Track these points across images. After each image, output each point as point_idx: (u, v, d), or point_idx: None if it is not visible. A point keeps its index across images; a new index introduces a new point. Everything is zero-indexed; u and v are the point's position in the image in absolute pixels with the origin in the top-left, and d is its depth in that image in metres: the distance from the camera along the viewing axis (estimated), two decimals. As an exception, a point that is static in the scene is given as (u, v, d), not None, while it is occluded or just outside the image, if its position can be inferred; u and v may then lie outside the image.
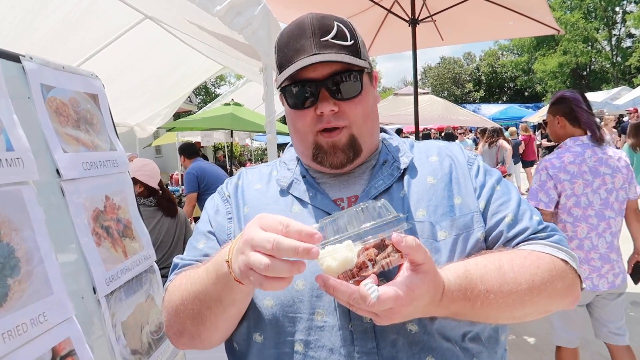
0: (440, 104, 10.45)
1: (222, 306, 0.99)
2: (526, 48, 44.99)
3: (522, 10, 5.33)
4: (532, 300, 1.01)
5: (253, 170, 1.31)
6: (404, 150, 1.21)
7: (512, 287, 0.98)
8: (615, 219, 2.89)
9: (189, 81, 6.48)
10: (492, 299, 0.96)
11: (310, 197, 1.14)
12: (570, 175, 2.84)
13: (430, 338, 1.00)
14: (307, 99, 1.08)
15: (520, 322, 1.08)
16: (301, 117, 1.10)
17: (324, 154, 1.10)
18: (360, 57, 1.08)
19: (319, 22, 1.07)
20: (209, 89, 42.71)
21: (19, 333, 1.11)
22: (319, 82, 1.05)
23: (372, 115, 1.15)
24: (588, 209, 2.86)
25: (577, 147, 2.90)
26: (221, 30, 2.92)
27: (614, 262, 2.91)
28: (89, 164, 1.60)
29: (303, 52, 1.05)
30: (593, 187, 2.85)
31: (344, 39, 1.07)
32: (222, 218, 1.21)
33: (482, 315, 0.99)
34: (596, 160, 2.86)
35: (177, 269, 1.19)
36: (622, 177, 2.88)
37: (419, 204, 1.09)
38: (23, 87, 1.41)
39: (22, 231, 1.21)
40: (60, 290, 1.27)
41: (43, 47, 3.86)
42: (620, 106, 17.85)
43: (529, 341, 4.50)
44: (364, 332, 0.99)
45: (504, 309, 0.98)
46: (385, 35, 6.29)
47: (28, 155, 1.28)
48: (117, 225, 1.69)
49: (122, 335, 1.57)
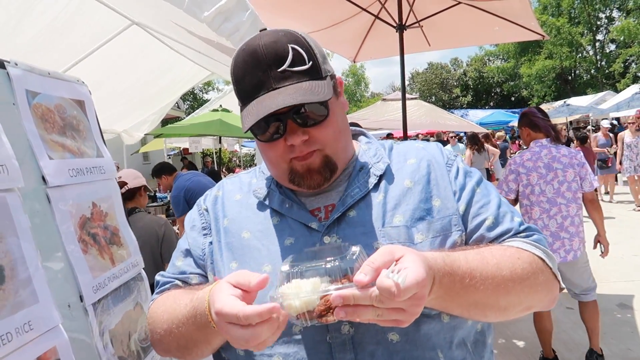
0: (428, 109, 10.51)
1: (209, 344, 1.02)
2: (512, 54, 45.49)
3: (508, 16, 5.41)
4: (515, 288, 0.99)
5: (233, 179, 1.30)
6: (380, 155, 1.19)
7: (495, 272, 0.96)
8: (568, 205, 3.65)
9: (177, 87, 6.45)
10: (479, 277, 0.93)
11: (287, 208, 1.12)
12: (527, 169, 3.72)
13: (412, 347, 0.98)
14: (274, 132, 1.04)
15: (505, 319, 1.06)
16: (272, 149, 1.07)
17: (300, 178, 1.08)
18: (321, 75, 1.05)
19: (272, 50, 1.01)
20: (196, 95, 42.56)
21: (4, 342, 1.09)
22: (284, 115, 1.01)
23: (343, 130, 1.12)
24: (540, 196, 3.68)
25: (537, 147, 3.76)
26: (209, 35, 2.92)
27: (564, 240, 3.67)
28: (75, 170, 1.58)
29: (262, 88, 1.01)
30: (546, 179, 3.67)
31: (301, 62, 1.02)
32: (197, 234, 1.21)
33: (471, 299, 0.95)
34: (550, 157, 3.68)
35: (159, 286, 1.21)
36: (573, 172, 3.65)
37: (396, 210, 1.08)
38: (8, 93, 1.39)
39: (7, 239, 1.19)
40: (46, 298, 1.25)
41: (28, 52, 3.82)
42: (605, 110, 18.11)
43: (518, 344, 4.53)
44: (342, 343, 0.98)
45: (490, 293, 0.96)
46: (373, 41, 6.34)
47: (12, 162, 1.26)
48: (104, 232, 1.67)
49: (109, 344, 1.55)
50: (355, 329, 0.98)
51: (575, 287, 3.84)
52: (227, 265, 1.11)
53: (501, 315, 1.03)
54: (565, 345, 4.37)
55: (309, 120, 1.04)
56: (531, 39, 6.19)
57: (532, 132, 3.84)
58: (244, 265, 1.08)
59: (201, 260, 1.18)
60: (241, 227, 1.14)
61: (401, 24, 5.17)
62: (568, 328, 4.70)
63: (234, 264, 1.10)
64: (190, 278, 1.18)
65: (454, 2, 5.15)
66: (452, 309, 0.98)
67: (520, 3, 5.04)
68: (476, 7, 5.22)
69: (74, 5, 3.64)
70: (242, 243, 1.12)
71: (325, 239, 1.06)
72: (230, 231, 1.15)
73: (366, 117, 10.10)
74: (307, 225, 1.09)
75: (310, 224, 1.09)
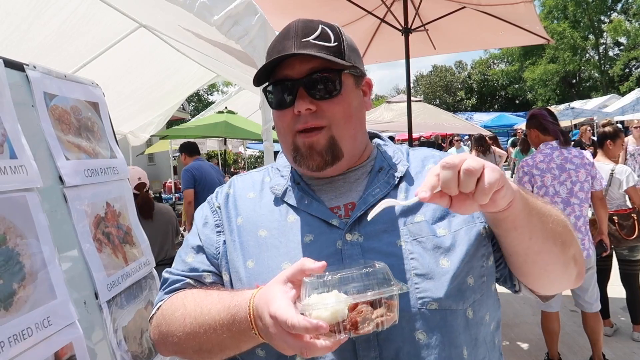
0: (433, 112, 10.51)
1: (237, 350, 0.99)
2: (515, 57, 45.42)
3: (513, 20, 5.41)
4: (564, 243, 1.02)
5: (244, 177, 1.28)
6: (399, 157, 1.19)
7: (554, 218, 1.01)
8: (580, 205, 3.69)
9: (183, 89, 6.48)
10: (542, 207, 0.98)
11: (306, 204, 1.11)
12: (540, 171, 3.73)
13: (438, 345, 0.97)
14: (286, 98, 1.07)
15: (543, 283, 1.08)
16: (282, 117, 1.09)
17: (301, 157, 1.08)
18: (343, 58, 1.07)
19: (303, 25, 1.08)
20: (202, 96, 42.67)
21: (24, 337, 1.13)
22: (296, 81, 1.05)
23: (356, 118, 1.12)
24: (555, 197, 3.70)
25: (548, 149, 3.78)
26: (217, 37, 2.95)
27: (579, 241, 3.39)
28: (90, 171, 1.62)
29: (283, 52, 1.04)
30: (560, 180, 3.69)
31: (326, 40, 1.06)
32: (211, 231, 1.18)
33: (538, 225, 0.96)
34: (562, 159, 3.71)
35: (167, 284, 1.16)
36: (585, 172, 3.69)
37: (417, 210, 1.07)
38: (27, 95, 1.43)
39: (27, 237, 1.22)
40: (63, 295, 1.29)
41: (38, 55, 3.87)
42: (610, 114, 18.03)
43: (523, 347, 4.53)
44: (366, 341, 0.96)
45: (549, 232, 0.98)
46: (378, 44, 6.35)
47: (31, 163, 1.30)
48: (117, 232, 1.71)
49: (123, 340, 1.58)
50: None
51: (583, 291, 3.82)
52: (244, 264, 1.09)
53: (543, 265, 1.04)
54: (569, 349, 4.37)
55: (319, 92, 1.05)
56: (536, 43, 6.19)
57: (541, 134, 3.87)
58: (262, 263, 1.08)
59: (215, 258, 1.16)
60: (257, 226, 1.13)
61: (407, 28, 5.18)
62: (572, 331, 4.71)
63: (250, 262, 1.09)
64: (203, 276, 1.15)
65: (460, 6, 5.17)
66: (535, 230, 0.98)
67: (525, 7, 5.04)
68: (481, 11, 5.23)
69: (83, 9, 3.69)
70: (258, 241, 1.11)
71: (347, 236, 1.05)
72: (246, 229, 1.14)
73: (370, 120, 10.12)
74: (328, 222, 1.07)
75: (331, 220, 1.07)
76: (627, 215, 4.33)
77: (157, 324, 1.13)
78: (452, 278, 1.00)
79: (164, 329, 1.09)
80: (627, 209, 4.33)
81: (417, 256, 1.01)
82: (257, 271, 1.07)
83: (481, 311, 1.05)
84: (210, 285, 1.14)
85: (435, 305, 0.98)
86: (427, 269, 1.00)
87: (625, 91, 29.27)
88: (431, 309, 0.98)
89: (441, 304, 0.98)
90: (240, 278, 1.09)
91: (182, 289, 1.14)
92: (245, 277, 1.08)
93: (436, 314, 0.98)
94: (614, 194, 4.35)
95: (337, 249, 1.03)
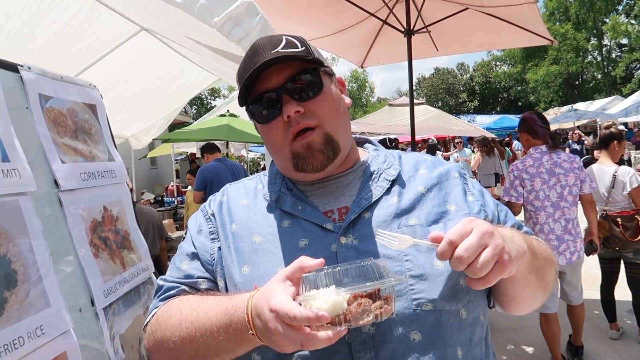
0: (435, 114, 10.48)
1: (233, 354, 0.99)
2: (518, 58, 45.38)
3: (516, 21, 5.38)
4: (547, 284, 1.10)
5: (237, 185, 1.30)
6: (390, 161, 1.21)
7: (539, 251, 1.07)
8: (570, 208, 3.79)
9: (185, 92, 6.47)
10: (536, 247, 1.04)
11: (300, 210, 1.13)
12: (530, 175, 3.81)
13: (434, 345, 0.98)
14: (272, 109, 1.08)
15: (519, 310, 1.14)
16: (273, 130, 1.10)
17: (303, 160, 1.09)
18: (314, 58, 1.09)
19: (268, 39, 1.09)
20: (204, 100, 42.75)
21: (16, 347, 1.09)
22: (278, 89, 1.06)
23: (342, 113, 1.15)
24: (545, 200, 3.78)
25: (537, 154, 3.86)
26: (217, 44, 2.92)
27: (569, 242, 3.80)
28: (87, 174, 1.58)
29: (254, 66, 1.05)
30: (549, 184, 3.77)
31: (294, 47, 1.08)
32: (205, 238, 1.19)
33: (535, 267, 1.03)
34: (552, 163, 3.79)
35: (162, 292, 1.16)
36: (574, 176, 3.77)
37: (411, 213, 1.10)
38: (21, 97, 1.40)
39: (20, 243, 1.19)
40: (57, 302, 1.25)
41: (40, 58, 3.86)
42: (613, 115, 17.99)
43: (527, 350, 4.48)
44: (362, 342, 0.98)
45: (541, 282, 1.07)
46: (380, 46, 6.34)
47: (24, 166, 1.27)
48: (115, 237, 1.67)
49: (120, 349, 1.54)
50: (376, 328, 0.98)
51: (572, 289, 4.00)
52: (239, 270, 1.10)
53: (543, 290, 1.12)
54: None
55: (303, 93, 1.07)
56: (540, 44, 6.16)
57: (531, 138, 3.96)
58: (257, 268, 1.08)
59: (210, 265, 1.16)
60: (252, 232, 1.14)
61: (409, 29, 5.16)
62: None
63: (245, 268, 1.09)
64: (198, 283, 1.15)
65: (462, 7, 5.14)
66: (530, 284, 1.05)
67: (528, 8, 5.01)
68: (484, 12, 5.20)
69: (85, 13, 3.68)
70: (253, 247, 1.11)
71: (341, 239, 1.06)
72: (240, 236, 1.14)
73: (373, 122, 10.10)
74: (322, 226, 1.09)
75: (325, 224, 1.09)
76: (631, 216, 4.26)
77: (152, 331, 1.12)
78: (446, 279, 1.02)
79: (159, 336, 1.08)
80: (631, 211, 4.27)
81: (412, 258, 1.03)
82: (253, 276, 1.07)
83: (475, 312, 1.07)
84: (206, 291, 1.14)
85: (429, 306, 1.00)
86: (422, 270, 1.02)
87: (627, 93, 29.20)
88: (426, 310, 1.00)
89: (435, 305, 1.00)
90: (235, 284, 1.09)
91: (177, 295, 1.14)
92: (241, 283, 1.08)
93: (430, 314, 1.00)
94: (617, 196, 4.27)
95: (332, 252, 1.05)
